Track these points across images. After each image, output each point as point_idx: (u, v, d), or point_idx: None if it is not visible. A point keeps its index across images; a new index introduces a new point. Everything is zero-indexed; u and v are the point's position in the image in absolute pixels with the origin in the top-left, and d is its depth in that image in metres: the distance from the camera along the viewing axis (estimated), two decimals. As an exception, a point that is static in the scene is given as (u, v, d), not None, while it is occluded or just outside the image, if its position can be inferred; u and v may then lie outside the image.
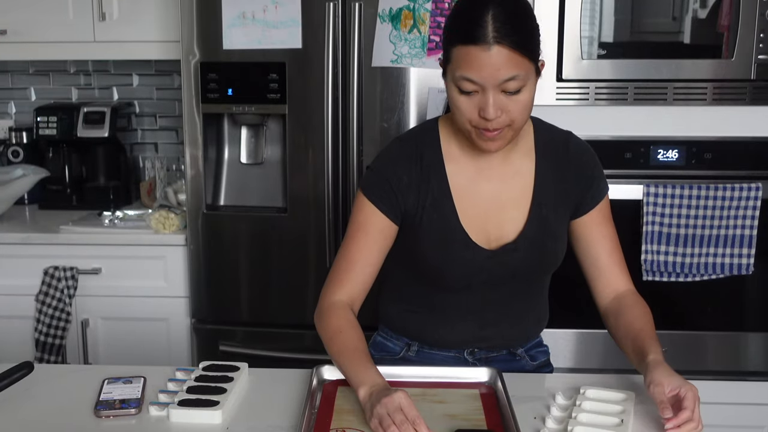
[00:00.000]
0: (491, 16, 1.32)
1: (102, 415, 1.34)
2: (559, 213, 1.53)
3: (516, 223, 1.51)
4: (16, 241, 2.61)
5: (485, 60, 1.33)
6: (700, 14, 2.33)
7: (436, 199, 1.50)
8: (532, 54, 1.37)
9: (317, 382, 1.44)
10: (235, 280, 2.53)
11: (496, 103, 1.36)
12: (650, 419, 1.34)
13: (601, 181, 1.56)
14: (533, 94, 1.40)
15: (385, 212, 1.50)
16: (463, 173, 1.51)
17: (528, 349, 1.65)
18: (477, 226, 1.50)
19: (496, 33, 1.32)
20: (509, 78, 1.34)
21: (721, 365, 2.44)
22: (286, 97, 2.39)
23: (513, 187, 1.52)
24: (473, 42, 1.33)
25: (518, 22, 1.35)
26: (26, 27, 2.75)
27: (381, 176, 1.51)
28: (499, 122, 1.38)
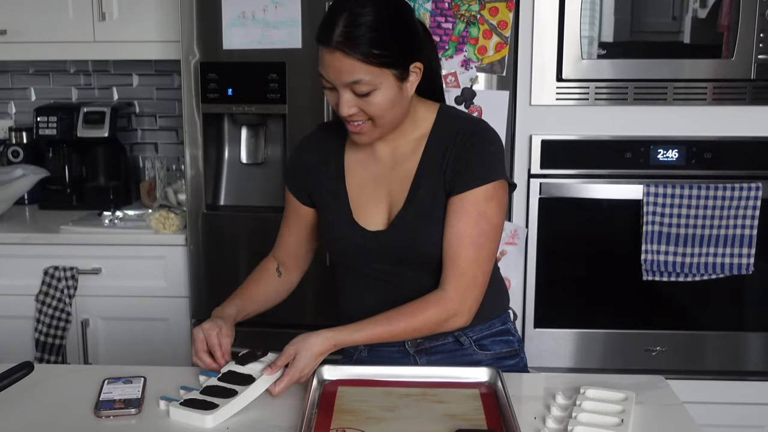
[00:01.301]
0: (342, 21, 1.38)
1: (102, 415, 1.35)
2: (436, 196, 1.52)
3: (398, 207, 1.55)
4: (16, 241, 2.61)
5: (329, 62, 1.41)
6: (700, 14, 2.33)
7: (332, 182, 1.60)
8: (382, 62, 1.40)
9: (317, 382, 1.44)
10: (235, 280, 2.51)
11: (348, 101, 1.43)
12: (650, 419, 1.34)
13: (476, 170, 1.49)
14: (390, 96, 1.44)
15: (294, 194, 1.66)
16: (358, 158, 1.60)
17: (479, 338, 1.61)
18: (366, 209, 1.57)
19: (339, 38, 1.38)
20: (353, 81, 1.41)
21: (721, 365, 2.44)
22: (286, 97, 2.39)
23: (399, 173, 1.56)
24: (320, 42, 1.42)
25: (369, 31, 1.38)
26: (26, 27, 2.75)
27: (291, 161, 1.69)
28: (356, 118, 1.46)
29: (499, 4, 2.28)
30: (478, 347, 1.61)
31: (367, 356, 1.62)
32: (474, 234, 1.48)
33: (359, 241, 1.56)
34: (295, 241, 1.71)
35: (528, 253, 2.39)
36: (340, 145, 1.61)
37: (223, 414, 1.33)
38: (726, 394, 2.42)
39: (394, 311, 1.49)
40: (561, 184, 2.36)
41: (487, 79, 2.34)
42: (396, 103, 1.46)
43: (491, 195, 1.49)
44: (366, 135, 1.50)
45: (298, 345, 1.45)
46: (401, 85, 1.45)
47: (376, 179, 1.58)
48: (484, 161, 1.49)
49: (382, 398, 1.39)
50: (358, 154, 1.60)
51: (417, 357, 1.61)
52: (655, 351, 2.42)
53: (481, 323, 1.61)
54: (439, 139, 1.54)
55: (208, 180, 2.52)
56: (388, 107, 1.45)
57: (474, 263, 1.49)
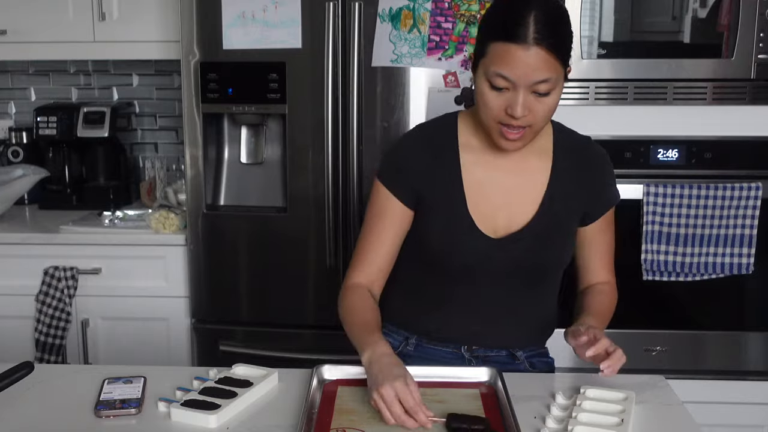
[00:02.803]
0: (533, 17, 1.35)
1: (102, 415, 1.35)
2: (570, 212, 1.56)
3: (525, 216, 1.53)
4: (16, 241, 2.61)
5: (523, 59, 1.36)
6: (700, 14, 2.33)
7: (447, 185, 1.53)
8: (565, 59, 1.40)
9: (317, 382, 1.44)
10: (235, 280, 2.53)
11: (526, 102, 1.39)
12: (650, 419, 1.34)
13: (613, 190, 1.62)
14: (559, 98, 1.44)
15: (399, 197, 1.54)
16: (478, 164, 1.54)
17: (530, 355, 1.65)
18: (485, 215, 1.53)
19: (536, 34, 1.35)
20: (542, 80, 1.38)
21: (721, 365, 2.44)
22: (286, 97, 2.39)
23: (526, 182, 1.54)
24: (513, 40, 1.36)
25: (557, 26, 1.38)
26: (26, 27, 2.75)
27: (394, 161, 1.57)
28: (523, 122, 1.41)
29: (499, 4, 2.28)
30: (529, 364, 1.65)
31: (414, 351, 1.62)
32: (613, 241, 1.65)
33: (481, 248, 1.52)
34: (385, 251, 1.56)
35: (528, 253, 2.39)
36: (453, 147, 1.55)
37: (225, 414, 1.33)
38: (726, 394, 2.42)
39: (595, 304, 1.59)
40: (561, 184, 2.36)
41: (487, 79, 2.34)
42: (557, 106, 1.45)
43: None
44: (521, 141, 1.45)
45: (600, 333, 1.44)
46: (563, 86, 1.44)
47: (498, 186, 1.54)
48: (614, 180, 1.62)
49: (382, 398, 1.38)
50: (476, 160, 1.54)
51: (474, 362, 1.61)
52: (655, 351, 2.42)
53: (538, 345, 1.69)
54: (565, 154, 1.56)
55: (208, 180, 2.52)
56: (555, 110, 1.44)
57: None
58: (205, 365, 1.54)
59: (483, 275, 1.54)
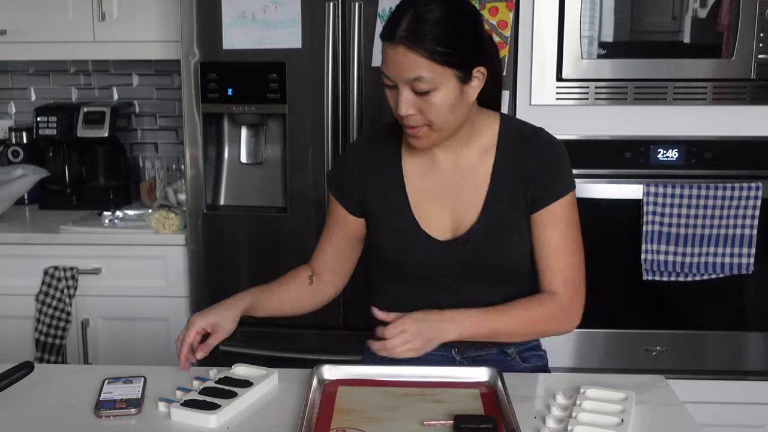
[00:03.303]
0: (408, 16, 1.38)
1: (102, 415, 1.35)
2: (515, 208, 1.53)
3: (471, 216, 1.53)
4: (16, 241, 2.61)
5: (393, 57, 1.40)
6: (700, 14, 2.33)
7: (392, 192, 1.56)
8: (446, 60, 1.39)
9: (317, 382, 1.44)
10: (235, 280, 2.53)
11: (408, 100, 1.42)
12: (650, 419, 1.34)
13: (558, 181, 1.53)
14: (450, 98, 1.43)
15: (343, 205, 1.61)
16: (420, 168, 1.56)
17: (521, 350, 1.64)
18: (432, 218, 1.54)
19: (404, 32, 1.38)
20: (414, 78, 1.39)
21: (721, 365, 2.44)
22: (286, 97, 2.39)
23: (468, 183, 1.54)
24: (385, 38, 1.42)
25: (435, 28, 1.38)
26: (26, 27, 2.75)
27: (338, 170, 1.65)
28: (414, 120, 1.44)
29: (499, 4, 2.28)
30: (521, 359, 1.64)
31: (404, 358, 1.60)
32: (568, 242, 1.54)
33: (427, 250, 1.53)
34: (336, 253, 1.66)
35: (528, 253, 2.39)
36: (396, 152, 1.57)
37: (226, 414, 1.33)
38: (726, 394, 2.42)
39: (508, 303, 1.51)
40: (561, 184, 2.36)
41: (487, 79, 2.34)
42: (456, 106, 1.44)
43: (572, 201, 1.55)
44: (424, 139, 1.47)
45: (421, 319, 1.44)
46: (463, 88, 1.43)
47: (440, 189, 1.55)
48: (565, 171, 1.54)
49: (382, 398, 1.39)
50: (417, 162, 1.56)
51: (465, 363, 1.61)
52: (655, 351, 2.42)
53: None
54: (509, 150, 1.54)
55: (208, 180, 2.52)
56: (447, 110, 1.43)
57: (576, 269, 1.55)
58: (205, 365, 1.54)
59: (437, 277, 1.55)
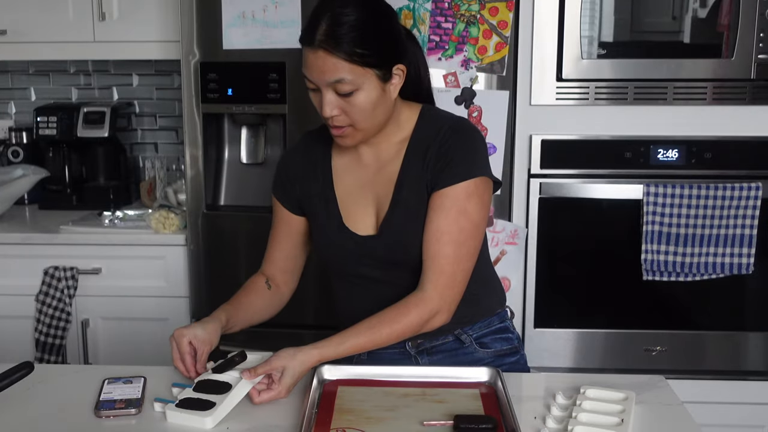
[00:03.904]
0: (325, 20, 1.40)
1: (102, 415, 1.35)
2: (420, 196, 1.51)
3: (383, 209, 1.55)
4: (16, 241, 2.61)
5: (313, 61, 1.42)
6: (700, 14, 2.33)
7: (320, 187, 1.60)
8: (365, 61, 1.41)
9: (317, 382, 1.44)
10: (235, 280, 2.51)
11: (330, 102, 1.43)
12: (650, 419, 1.34)
13: (457, 167, 1.48)
14: (373, 97, 1.44)
15: (283, 204, 1.65)
16: (345, 163, 1.60)
17: (479, 336, 1.61)
18: (356, 214, 1.57)
19: (322, 37, 1.39)
20: (336, 80, 1.41)
21: (721, 365, 2.44)
22: (286, 97, 2.39)
23: (383, 176, 1.56)
24: (303, 43, 1.43)
25: (352, 30, 1.39)
26: (26, 27, 2.75)
27: (278, 171, 1.67)
28: (339, 121, 1.46)
29: (499, 4, 2.28)
30: (479, 345, 1.61)
31: (367, 359, 1.61)
32: (453, 231, 1.47)
33: (350, 246, 1.56)
34: (284, 254, 1.69)
35: (528, 253, 2.39)
36: (326, 151, 1.62)
37: (221, 412, 1.32)
38: (726, 394, 2.42)
39: (376, 318, 1.47)
40: (561, 184, 2.36)
41: (487, 78, 2.34)
42: (378, 104, 1.46)
43: (472, 191, 1.48)
44: (349, 138, 1.50)
45: (287, 361, 1.41)
46: (384, 86, 1.45)
47: (363, 183, 1.58)
48: (465, 157, 1.49)
49: (382, 398, 1.39)
50: (344, 159, 1.60)
51: (418, 358, 1.61)
52: (655, 351, 2.42)
53: (480, 320, 1.62)
54: (420, 139, 1.54)
55: (208, 180, 2.52)
56: (370, 108, 1.45)
57: (453, 261, 1.47)
58: (205, 364, 1.54)
59: (368, 272, 1.56)
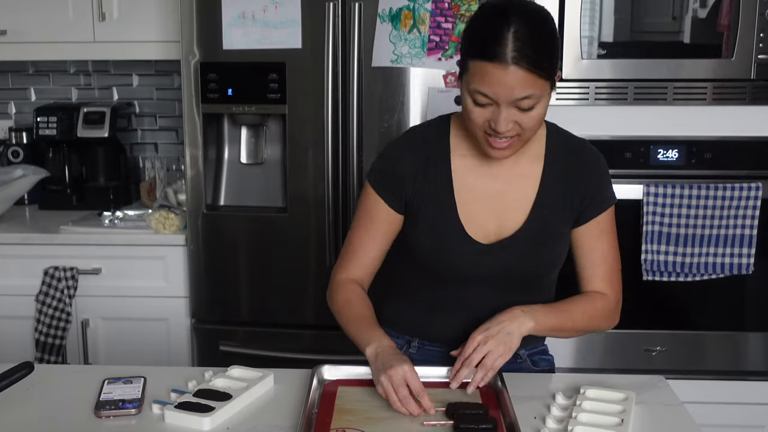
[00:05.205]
0: (512, 35, 1.33)
1: (102, 415, 1.35)
2: (561, 216, 1.54)
3: (516, 222, 1.53)
4: (16, 241, 2.61)
5: (501, 78, 1.34)
6: (700, 14, 2.33)
7: (437, 190, 1.53)
8: (549, 73, 1.38)
9: (317, 382, 1.44)
10: (235, 280, 2.53)
11: (508, 117, 1.38)
12: (650, 419, 1.34)
13: (605, 193, 1.57)
14: (546, 108, 1.43)
15: (387, 201, 1.55)
16: (469, 169, 1.54)
17: (532, 353, 1.65)
18: (476, 221, 1.53)
19: (515, 53, 1.33)
20: (524, 97, 1.37)
21: (721, 365, 2.44)
22: (286, 97, 2.39)
23: (517, 189, 1.54)
24: (490, 59, 1.34)
25: (538, 42, 1.36)
26: (26, 27, 2.75)
27: (384, 165, 1.57)
28: (510, 133, 1.41)
29: (499, 4, 2.28)
30: (531, 362, 1.64)
31: (416, 354, 1.61)
32: (612, 250, 1.58)
33: (470, 253, 1.52)
34: (376, 255, 1.59)
35: (528, 253, 2.39)
36: (445, 151, 1.55)
37: (220, 416, 1.32)
38: (726, 394, 2.42)
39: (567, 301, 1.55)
40: (561, 184, 2.36)
41: (487, 79, 2.34)
42: (545, 114, 1.45)
43: (613, 212, 1.59)
44: (510, 149, 1.45)
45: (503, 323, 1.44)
46: (551, 95, 1.44)
47: (489, 192, 1.53)
48: (608, 183, 1.58)
49: (382, 398, 1.38)
50: (467, 165, 1.54)
51: None
52: (655, 351, 2.42)
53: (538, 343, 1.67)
54: (557, 159, 1.55)
55: (208, 180, 2.52)
56: (542, 120, 1.44)
57: (619, 275, 1.59)
58: (205, 365, 1.54)
59: (475, 280, 1.54)
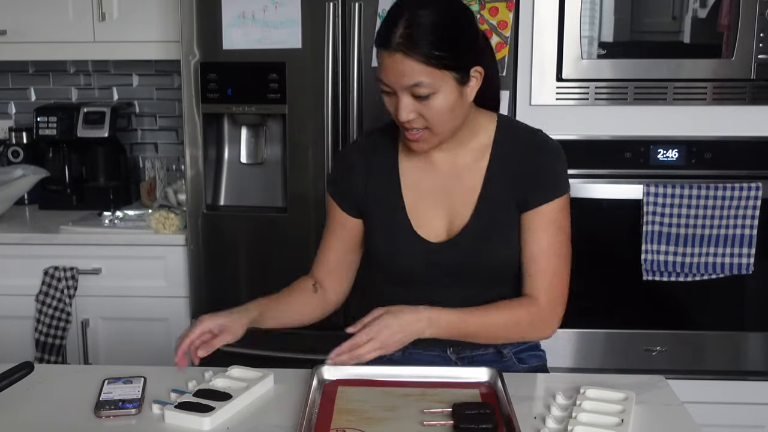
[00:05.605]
0: (403, 23, 1.38)
1: (102, 415, 1.35)
2: (506, 210, 1.52)
3: (464, 218, 1.53)
4: (16, 241, 2.61)
5: (391, 65, 1.40)
6: (700, 14, 2.33)
7: (387, 192, 1.56)
8: (443, 63, 1.39)
9: (317, 382, 1.44)
10: (235, 280, 2.53)
11: (408, 106, 1.42)
12: (650, 419, 1.34)
13: (551, 183, 1.52)
14: (450, 100, 1.43)
15: (342, 206, 1.62)
16: (416, 169, 1.57)
17: (518, 351, 1.64)
18: (426, 220, 1.54)
19: (401, 40, 1.38)
20: (414, 84, 1.39)
21: (722, 365, 2.44)
22: (286, 97, 2.39)
23: (463, 184, 1.54)
24: (381, 46, 1.41)
25: (431, 30, 1.38)
26: (26, 27, 2.75)
27: (336, 171, 1.67)
28: (415, 124, 1.44)
29: (499, 4, 2.28)
30: (517, 360, 1.63)
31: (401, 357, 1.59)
32: (555, 246, 1.51)
33: (421, 253, 1.53)
34: (336, 257, 1.66)
35: (528, 253, 2.39)
36: (393, 153, 1.58)
37: (220, 416, 1.32)
38: (726, 394, 2.42)
39: (486, 305, 1.49)
40: (561, 184, 2.36)
41: (487, 79, 2.34)
42: (455, 108, 1.44)
43: (563, 205, 1.53)
44: (424, 143, 1.47)
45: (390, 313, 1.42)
46: (461, 89, 1.44)
47: (436, 190, 1.55)
48: (557, 173, 1.53)
49: (382, 398, 1.39)
50: (414, 164, 1.56)
51: (458, 364, 1.61)
52: (655, 351, 2.42)
53: None
54: (503, 151, 1.53)
55: (208, 180, 2.52)
56: (447, 112, 1.43)
57: (561, 275, 1.52)
58: (205, 365, 1.54)
59: (432, 279, 1.54)
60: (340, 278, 1.67)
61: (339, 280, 1.67)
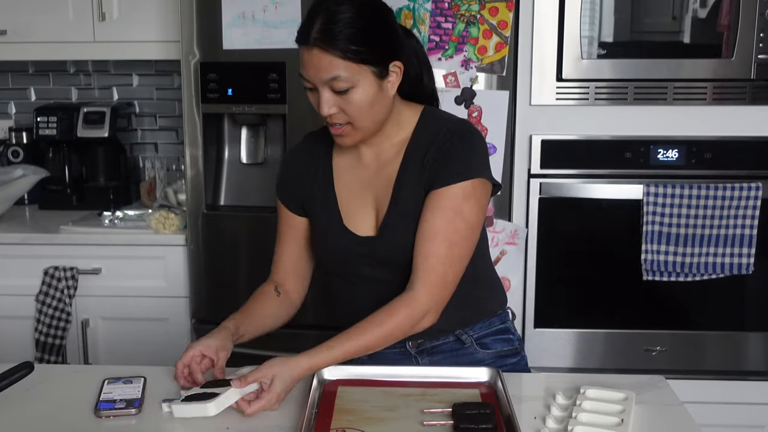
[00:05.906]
0: (321, 18, 1.40)
1: (102, 415, 1.35)
2: (418, 196, 1.51)
3: (383, 210, 1.55)
4: (16, 241, 2.61)
5: (308, 60, 1.43)
6: (700, 14, 2.33)
7: (322, 189, 1.60)
8: (360, 57, 1.41)
9: (317, 382, 1.44)
10: (235, 280, 2.53)
11: (328, 100, 1.44)
12: (650, 419, 1.34)
13: (453, 167, 1.48)
14: (370, 94, 1.44)
15: (288, 207, 1.66)
16: (346, 164, 1.60)
17: (480, 337, 1.61)
18: (356, 214, 1.57)
19: (317, 35, 1.40)
20: (332, 78, 1.41)
21: (721, 365, 2.44)
22: (286, 97, 2.39)
23: (384, 176, 1.56)
24: (299, 42, 1.44)
25: (347, 27, 1.40)
26: (26, 27, 2.75)
27: (281, 173, 1.69)
28: (337, 119, 1.46)
29: (499, 4, 2.28)
30: (480, 346, 1.61)
31: (368, 359, 1.59)
32: (448, 231, 1.47)
33: (350, 246, 1.56)
34: (291, 258, 1.68)
35: (528, 253, 2.39)
36: (327, 151, 1.62)
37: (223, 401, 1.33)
38: (726, 394, 2.42)
39: (366, 321, 1.47)
40: (561, 184, 2.36)
41: (487, 79, 2.34)
42: (376, 101, 1.46)
43: (469, 193, 1.48)
44: (348, 137, 1.50)
45: (277, 369, 1.38)
46: (381, 83, 1.46)
47: (363, 184, 1.57)
48: (464, 158, 1.49)
49: (382, 398, 1.39)
50: (345, 160, 1.60)
51: (419, 357, 1.61)
52: (655, 351, 2.42)
53: (481, 321, 1.62)
54: (420, 140, 1.54)
55: (208, 180, 2.52)
56: (368, 106, 1.45)
57: (446, 261, 1.47)
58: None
59: (371, 272, 1.56)
60: (298, 278, 1.69)
61: (298, 279, 1.69)
